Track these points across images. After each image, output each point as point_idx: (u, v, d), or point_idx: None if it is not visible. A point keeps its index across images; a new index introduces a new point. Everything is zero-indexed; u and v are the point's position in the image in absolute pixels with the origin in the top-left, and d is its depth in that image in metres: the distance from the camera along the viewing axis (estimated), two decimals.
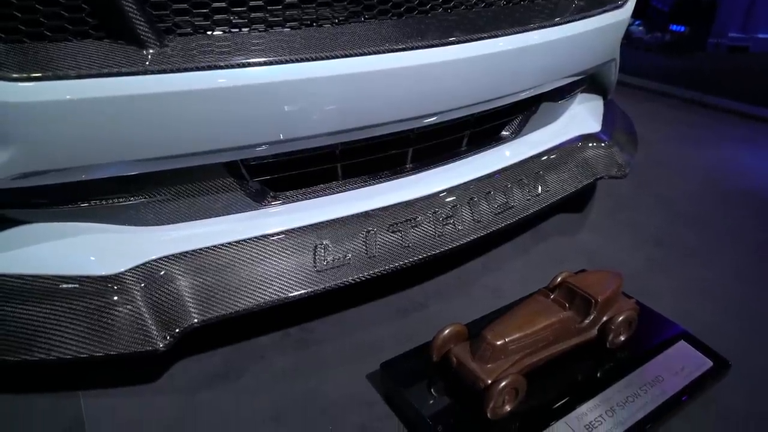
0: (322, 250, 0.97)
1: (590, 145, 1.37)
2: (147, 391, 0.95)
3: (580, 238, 1.43)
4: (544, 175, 1.25)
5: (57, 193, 0.83)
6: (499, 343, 0.83)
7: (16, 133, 0.71)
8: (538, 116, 1.32)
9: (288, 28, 0.88)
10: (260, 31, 0.85)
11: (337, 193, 1.04)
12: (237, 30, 0.84)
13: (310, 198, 1.01)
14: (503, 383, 0.80)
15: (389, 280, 1.18)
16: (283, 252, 0.94)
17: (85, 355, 0.79)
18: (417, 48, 0.92)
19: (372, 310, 1.14)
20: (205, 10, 0.81)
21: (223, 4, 0.81)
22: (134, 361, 0.88)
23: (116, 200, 0.87)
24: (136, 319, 0.83)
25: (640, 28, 2.98)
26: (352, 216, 1.01)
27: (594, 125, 1.44)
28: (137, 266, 0.86)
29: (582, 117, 1.45)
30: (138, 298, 0.84)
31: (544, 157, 1.28)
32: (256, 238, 0.94)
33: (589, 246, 1.39)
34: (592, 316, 0.92)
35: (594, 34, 1.19)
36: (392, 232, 1.02)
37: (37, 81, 0.69)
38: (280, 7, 0.86)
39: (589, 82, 1.47)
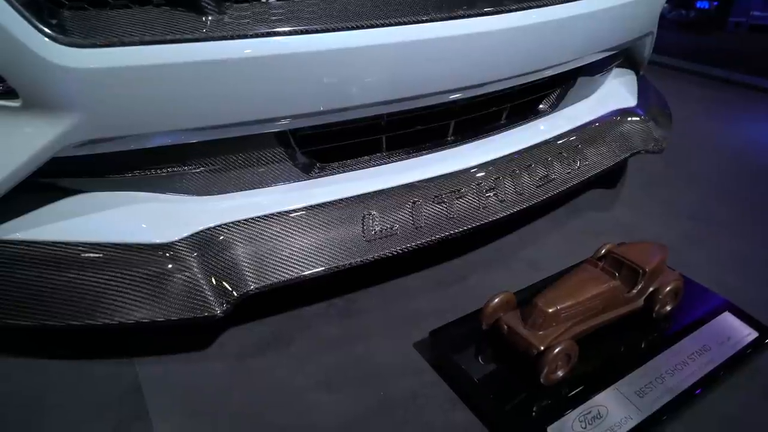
0: (370, 220, 0.97)
1: (627, 119, 1.37)
2: (200, 358, 0.97)
3: (614, 212, 1.43)
4: (583, 149, 1.25)
5: (115, 163, 0.84)
6: (551, 310, 0.84)
7: (79, 99, 0.71)
8: (576, 90, 1.31)
9: None
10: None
11: (383, 164, 1.04)
12: None
13: (356, 169, 1.01)
14: (557, 349, 0.81)
15: (428, 253, 1.19)
16: (332, 222, 0.95)
17: (146, 320, 0.81)
18: (462, 17, 0.91)
19: (412, 282, 1.15)
20: None
21: None
22: (189, 327, 0.90)
23: (172, 170, 0.88)
24: (194, 286, 0.84)
25: (665, 4, 2.92)
26: (398, 187, 1.02)
27: (630, 100, 1.43)
28: (192, 234, 0.87)
29: (618, 91, 1.44)
30: (195, 265, 0.85)
31: (583, 131, 1.28)
32: (305, 207, 0.95)
33: (624, 220, 1.39)
34: (639, 286, 0.93)
35: (632, 6, 1.18)
36: (437, 204, 1.03)
37: (100, 47, 0.70)
38: None
39: (624, 56, 1.45)
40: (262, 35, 0.77)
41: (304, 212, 0.95)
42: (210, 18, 0.76)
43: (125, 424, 0.83)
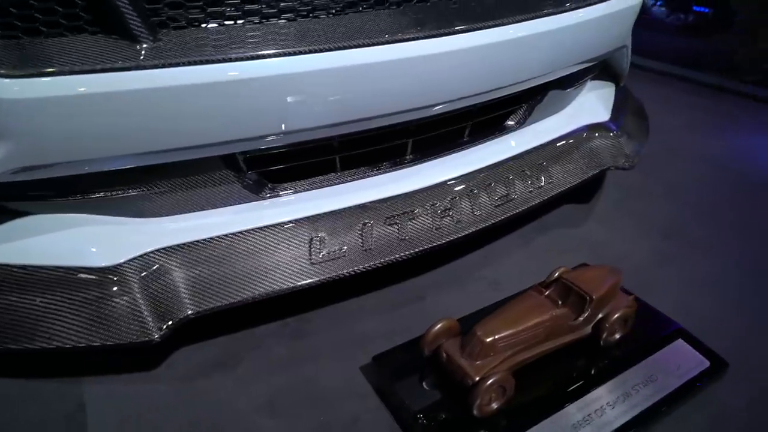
0: (318, 243, 0.97)
1: (597, 134, 1.35)
2: (148, 378, 0.97)
3: (584, 229, 1.41)
4: (548, 167, 1.24)
5: (57, 186, 0.84)
6: (488, 340, 0.83)
7: (13, 128, 0.72)
8: (544, 105, 1.29)
9: (284, 19, 0.87)
10: (255, 23, 0.85)
11: (335, 185, 1.04)
12: (232, 22, 0.83)
13: (307, 190, 1.01)
14: (490, 381, 0.80)
15: (387, 272, 1.18)
16: (279, 244, 0.95)
17: (82, 345, 0.82)
18: (415, 39, 0.90)
19: (368, 302, 1.15)
20: (199, 2, 0.80)
21: None
22: (136, 349, 0.90)
23: (116, 193, 0.88)
24: (132, 310, 0.85)
25: (662, 8, 2.87)
26: (349, 208, 1.01)
27: (603, 114, 1.41)
28: (135, 258, 0.88)
29: (591, 105, 1.41)
30: (135, 289, 0.86)
31: (549, 148, 1.26)
32: (252, 230, 0.95)
33: (594, 237, 1.37)
34: (586, 314, 0.92)
35: (601, 21, 1.15)
36: (389, 225, 1.03)
37: (32, 77, 0.70)
38: None
39: (600, 69, 1.43)
40: (199, 63, 0.77)
41: (250, 234, 0.94)
42: (145, 46, 0.76)
43: None
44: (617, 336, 0.95)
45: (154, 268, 0.88)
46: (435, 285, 1.20)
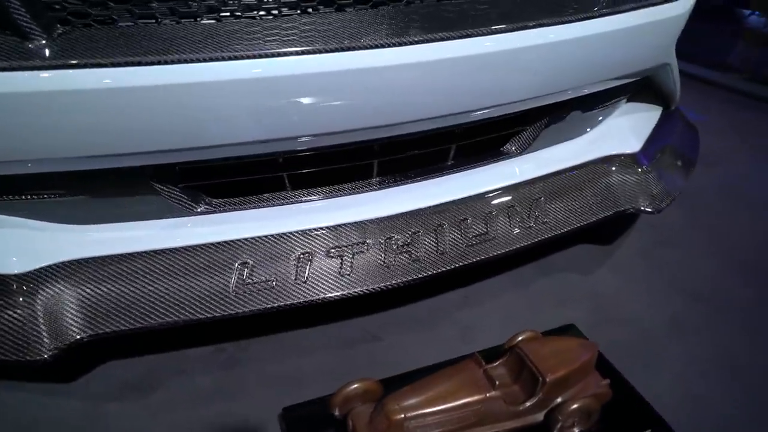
0: (245, 270, 0.87)
1: (618, 168, 1.13)
2: (59, 390, 0.92)
3: (595, 277, 1.20)
4: (546, 203, 1.04)
5: None
6: (397, 417, 0.69)
7: None
8: (556, 129, 1.10)
9: (211, 19, 0.77)
10: (173, 22, 0.75)
11: (279, 205, 0.93)
12: (140, 21, 0.74)
13: (238, 209, 0.91)
14: None
15: (347, 303, 1.06)
16: (200, 267, 0.86)
17: None
18: (377, 47, 0.77)
19: (317, 336, 1.04)
20: None
21: None
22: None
23: (34, 196, 0.83)
24: (24, 325, 0.79)
25: (761, 18, 2.44)
26: (286, 234, 0.90)
27: (632, 143, 1.18)
28: (43, 268, 0.82)
29: (619, 132, 1.19)
30: (36, 302, 0.80)
31: (551, 180, 1.07)
32: (172, 249, 0.86)
33: (603, 289, 1.16)
34: (536, 399, 0.74)
35: (626, 33, 0.95)
36: (330, 258, 0.90)
37: None
38: None
39: (637, 89, 1.21)
40: (92, 66, 0.68)
41: (170, 254, 0.86)
42: (36, 44, 0.69)
43: None
44: (576, 430, 0.77)
45: (61, 281, 0.81)
46: (397, 324, 1.06)
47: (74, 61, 0.68)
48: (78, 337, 0.80)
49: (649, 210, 1.11)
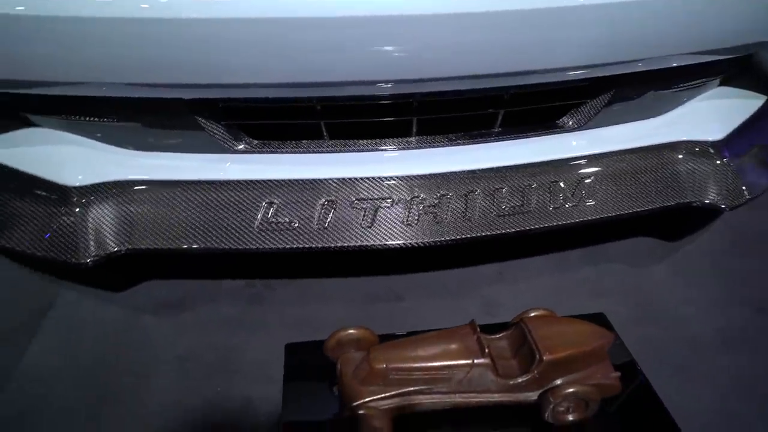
0: (271, 210, 0.90)
1: (691, 156, 1.02)
2: (108, 299, 1.03)
3: (647, 272, 1.10)
4: (595, 184, 0.97)
5: (42, 104, 0.90)
6: (378, 366, 0.69)
7: None
8: (625, 106, 1.01)
9: None
10: None
11: (318, 153, 0.95)
12: None
13: (276, 152, 0.94)
14: (363, 413, 0.67)
15: (382, 257, 1.07)
16: (233, 202, 0.91)
17: (19, 249, 0.88)
18: None
19: (343, 288, 1.06)
20: None
21: None
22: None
23: (97, 118, 0.92)
24: (79, 232, 0.89)
25: None
26: (315, 181, 0.92)
27: (715, 131, 1.05)
28: (98, 184, 0.91)
29: (700, 117, 1.06)
30: (88, 213, 0.89)
31: (606, 160, 0.99)
32: (210, 181, 0.92)
33: (652, 287, 1.06)
34: (530, 375, 0.71)
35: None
36: (352, 209, 0.91)
37: None
38: None
39: (736, 73, 1.07)
40: None
41: (207, 185, 0.92)
42: None
43: None
44: (570, 417, 0.72)
45: (111, 197, 0.90)
46: (423, 288, 1.06)
47: None
48: (116, 249, 0.88)
49: (721, 205, 0.99)
